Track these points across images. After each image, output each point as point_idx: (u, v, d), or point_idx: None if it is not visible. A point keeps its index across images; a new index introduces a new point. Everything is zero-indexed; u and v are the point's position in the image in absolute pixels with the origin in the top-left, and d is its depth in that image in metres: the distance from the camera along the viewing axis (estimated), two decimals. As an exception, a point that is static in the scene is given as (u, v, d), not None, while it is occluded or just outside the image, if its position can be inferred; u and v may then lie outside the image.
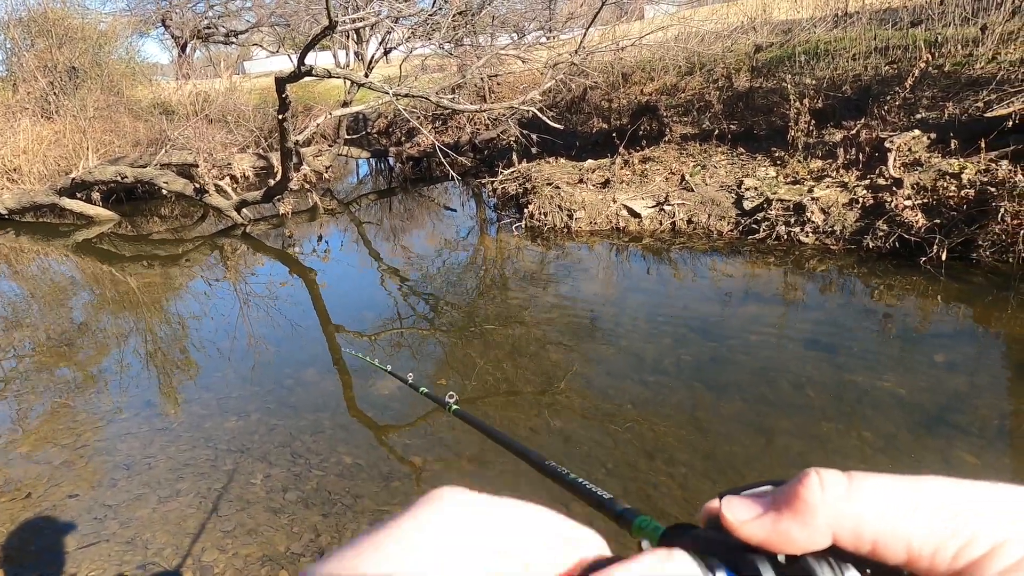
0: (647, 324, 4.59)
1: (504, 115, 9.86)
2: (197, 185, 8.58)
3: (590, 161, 7.53)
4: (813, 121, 6.43)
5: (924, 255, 4.74)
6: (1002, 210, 4.46)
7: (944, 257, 4.66)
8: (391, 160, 12.71)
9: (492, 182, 8.10)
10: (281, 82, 6.12)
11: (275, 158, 9.88)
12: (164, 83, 17.89)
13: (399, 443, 3.44)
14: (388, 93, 6.19)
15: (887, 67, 7.87)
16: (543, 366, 4.21)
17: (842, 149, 5.86)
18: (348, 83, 11.59)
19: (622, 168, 7.03)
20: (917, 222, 4.81)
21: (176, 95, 15.27)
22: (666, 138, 7.62)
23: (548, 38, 14.51)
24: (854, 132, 5.93)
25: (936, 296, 4.48)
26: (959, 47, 7.60)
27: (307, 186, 8.92)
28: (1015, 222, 4.42)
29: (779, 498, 0.28)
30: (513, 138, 8.88)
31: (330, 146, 11.83)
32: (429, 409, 3.76)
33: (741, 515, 0.28)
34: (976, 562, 0.24)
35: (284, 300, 5.97)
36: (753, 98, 8.26)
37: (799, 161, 6.16)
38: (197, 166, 9.16)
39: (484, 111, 8.58)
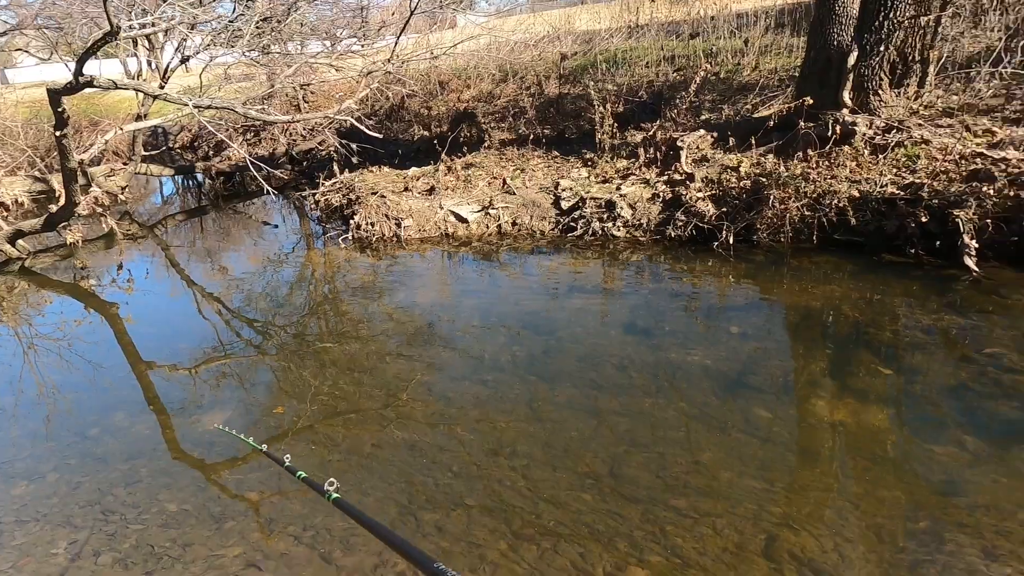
0: (482, 325, 4.70)
1: (321, 125, 9.52)
2: (-47, 216, 7.26)
3: (414, 169, 7.53)
4: (616, 124, 6.98)
5: (716, 240, 5.37)
6: (772, 197, 5.18)
7: (732, 241, 5.31)
8: (199, 176, 11.72)
9: (314, 194, 7.79)
10: (55, 94, 5.38)
11: (56, 180, 8.67)
12: None
13: (231, 481, 3.19)
14: (188, 104, 5.69)
15: (675, 74, 8.78)
16: (383, 379, 4.14)
17: (642, 149, 6.44)
18: (142, 94, 10.48)
19: (446, 175, 7.12)
20: (708, 212, 5.43)
21: (-85, 110, 12.79)
22: (486, 144, 7.85)
23: (362, 46, 14.26)
24: (651, 133, 6.54)
25: (728, 275, 5.09)
26: (730, 57, 8.70)
27: (99, 210, 7.94)
28: (782, 207, 5.16)
29: None
30: (333, 148, 8.61)
31: (125, 164, 10.62)
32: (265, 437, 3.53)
33: None
34: None
35: (81, 340, 5.27)
36: (563, 104, 8.78)
37: (607, 161, 6.67)
38: (-49, 193, 7.75)
39: (298, 121, 8.21)
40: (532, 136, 7.68)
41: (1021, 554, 2.33)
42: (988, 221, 4.40)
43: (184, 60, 8.02)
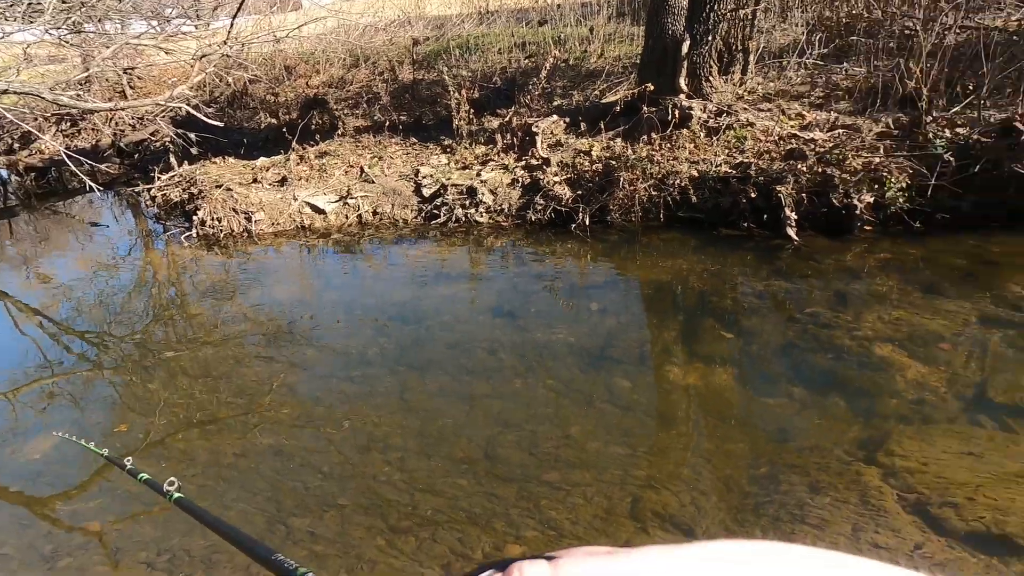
0: (347, 319, 4.56)
1: (152, 113, 8.67)
2: None
3: (262, 159, 7.09)
4: (473, 110, 7.01)
5: (574, 222, 5.58)
6: (622, 179, 5.47)
7: (588, 222, 5.54)
8: (3, 172, 10.24)
9: (149, 189, 7.09)
10: None
11: None
12: None
13: (65, 512, 2.85)
14: (-20, 89, 4.92)
15: (526, 61, 8.95)
16: (243, 383, 3.89)
17: (499, 135, 6.52)
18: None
19: (298, 164, 6.77)
20: (565, 195, 5.63)
21: None
22: (340, 131, 7.56)
23: (195, 27, 13.11)
24: (507, 119, 6.64)
25: (587, 256, 5.32)
26: (577, 44, 9.02)
27: None
28: (631, 188, 5.46)
29: None
30: (168, 139, 7.87)
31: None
32: (103, 463, 3.19)
33: None
34: None
35: None
36: (418, 89, 8.66)
37: (466, 147, 6.68)
38: None
39: (123, 109, 7.41)
40: (388, 123, 7.50)
41: (837, 484, 2.66)
42: (803, 195, 4.95)
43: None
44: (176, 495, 1.20)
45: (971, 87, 5.40)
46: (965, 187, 4.73)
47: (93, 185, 6.00)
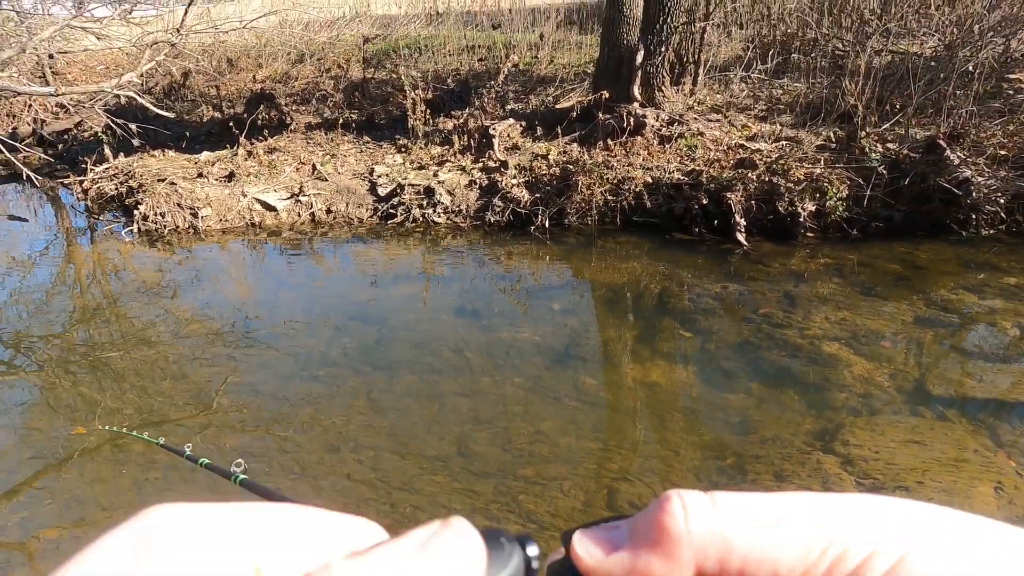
0: (305, 319, 4.44)
1: (80, 103, 8.18)
2: None
3: (207, 153, 6.82)
4: (428, 111, 6.98)
5: (532, 224, 5.64)
6: (579, 183, 5.58)
7: (547, 225, 5.61)
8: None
9: (81, 181, 6.69)
10: None
11: None
12: None
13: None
14: None
15: (478, 63, 8.99)
16: (195, 385, 3.74)
17: (456, 136, 6.52)
18: None
19: (247, 159, 6.56)
20: (523, 197, 5.69)
21: None
22: (290, 127, 7.37)
23: (118, 15, 12.45)
24: (463, 121, 6.66)
25: (546, 257, 5.39)
26: (527, 50, 9.13)
27: None
28: (588, 192, 5.58)
29: (638, 529, 0.25)
30: (102, 129, 7.44)
31: None
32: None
33: (596, 553, 0.25)
34: None
35: None
36: (368, 88, 8.55)
37: (421, 147, 6.65)
38: None
39: (62, 95, 6.96)
40: (340, 120, 7.37)
41: (800, 472, 2.82)
42: (752, 202, 5.19)
43: None
44: (241, 476, 1.20)
45: (899, 106, 5.81)
46: (897, 199, 5.08)
47: (29, 173, 5.62)
